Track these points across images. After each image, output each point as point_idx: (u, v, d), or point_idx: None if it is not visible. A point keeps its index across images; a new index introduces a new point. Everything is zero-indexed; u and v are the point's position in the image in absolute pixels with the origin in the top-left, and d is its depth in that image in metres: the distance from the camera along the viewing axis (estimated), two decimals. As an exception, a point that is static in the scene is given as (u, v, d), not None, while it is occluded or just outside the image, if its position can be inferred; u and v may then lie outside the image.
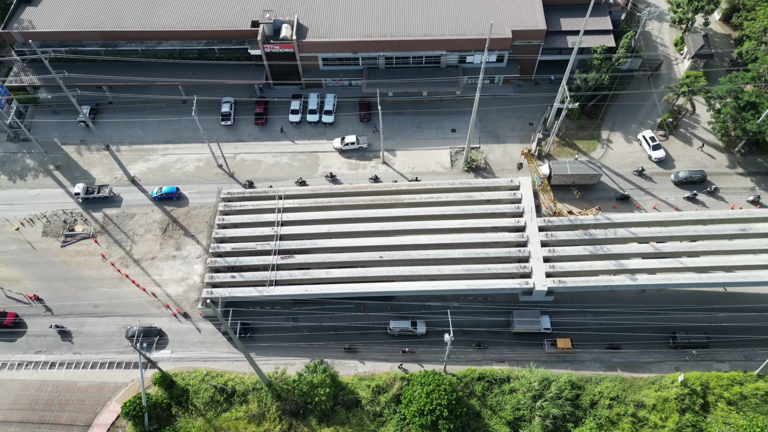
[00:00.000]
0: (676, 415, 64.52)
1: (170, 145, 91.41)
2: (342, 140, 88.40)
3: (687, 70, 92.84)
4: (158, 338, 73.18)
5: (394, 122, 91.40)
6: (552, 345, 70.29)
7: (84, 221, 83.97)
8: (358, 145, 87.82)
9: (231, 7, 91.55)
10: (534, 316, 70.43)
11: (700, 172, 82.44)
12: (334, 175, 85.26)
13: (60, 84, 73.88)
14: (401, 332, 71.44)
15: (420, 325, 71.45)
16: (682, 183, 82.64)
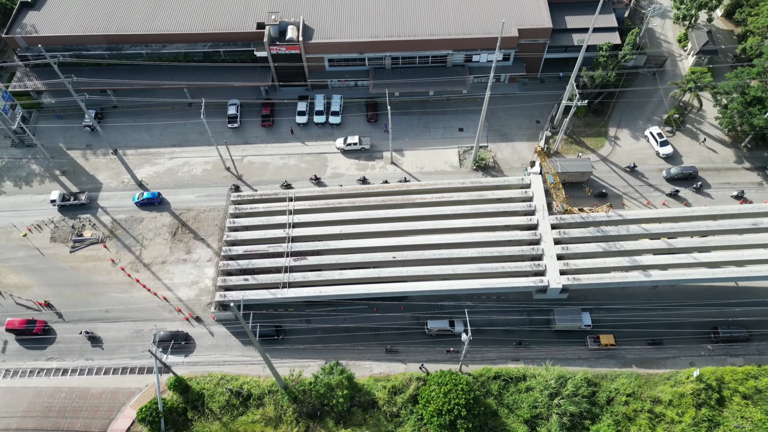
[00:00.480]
0: (692, 410, 64.76)
1: (177, 149, 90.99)
2: (345, 140, 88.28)
3: (691, 67, 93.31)
4: (185, 342, 72.62)
5: (402, 122, 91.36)
6: (595, 341, 70.24)
7: (93, 226, 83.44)
8: (361, 145, 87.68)
9: (235, 9, 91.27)
10: (575, 314, 70.38)
11: (691, 168, 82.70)
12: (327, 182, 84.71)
13: (69, 88, 73.40)
14: (439, 332, 71.05)
15: (458, 324, 71.25)
16: (674, 179, 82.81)
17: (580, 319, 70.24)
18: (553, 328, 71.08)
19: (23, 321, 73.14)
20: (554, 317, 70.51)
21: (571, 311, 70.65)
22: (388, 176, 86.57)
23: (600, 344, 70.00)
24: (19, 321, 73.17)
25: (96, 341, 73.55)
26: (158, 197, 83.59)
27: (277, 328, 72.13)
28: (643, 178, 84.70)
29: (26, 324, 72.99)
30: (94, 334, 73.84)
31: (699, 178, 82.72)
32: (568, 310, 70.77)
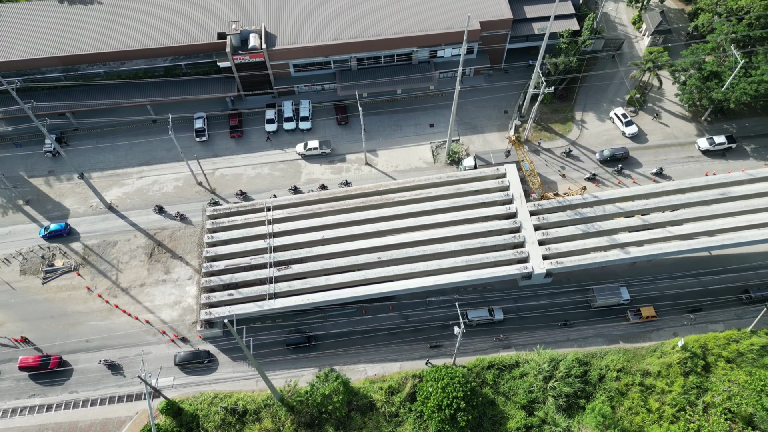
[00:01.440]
0: (680, 378, 66.69)
1: (145, 167, 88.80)
2: (305, 146, 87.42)
3: (648, 47, 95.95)
4: (208, 361, 70.98)
5: (372, 122, 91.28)
6: (636, 314, 71.64)
7: (63, 254, 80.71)
8: (322, 149, 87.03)
9: (194, 20, 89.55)
10: (614, 289, 71.89)
11: (622, 149, 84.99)
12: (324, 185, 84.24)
13: (29, 114, 70.75)
14: (480, 321, 71.40)
15: (497, 312, 71.71)
16: (607, 161, 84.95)
17: (619, 295, 71.73)
18: (593, 305, 72.29)
19: (37, 358, 70.49)
20: (594, 295, 71.84)
21: (610, 288, 72.25)
22: (363, 177, 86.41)
23: (641, 317, 71.29)
24: (32, 358, 70.46)
25: (116, 368, 71.15)
26: (66, 228, 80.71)
27: (308, 336, 71.46)
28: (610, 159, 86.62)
29: (41, 360, 70.27)
30: (114, 362, 71.42)
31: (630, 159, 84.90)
32: (607, 287, 72.37)
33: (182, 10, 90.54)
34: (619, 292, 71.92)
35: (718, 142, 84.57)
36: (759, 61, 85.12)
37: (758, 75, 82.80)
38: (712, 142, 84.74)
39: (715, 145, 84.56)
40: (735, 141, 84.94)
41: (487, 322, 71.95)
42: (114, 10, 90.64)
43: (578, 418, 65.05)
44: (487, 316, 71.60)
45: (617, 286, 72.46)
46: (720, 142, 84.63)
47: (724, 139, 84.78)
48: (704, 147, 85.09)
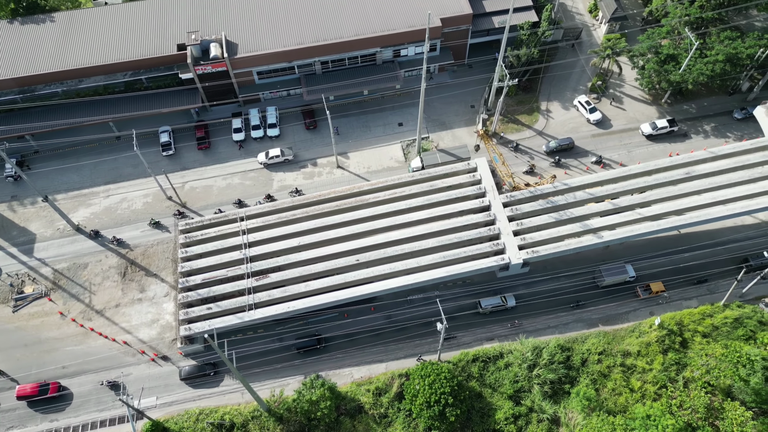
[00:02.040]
0: (660, 356, 68.19)
1: (111, 186, 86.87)
2: (266, 155, 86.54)
3: (605, 34, 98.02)
4: (213, 373, 70.08)
5: (341, 125, 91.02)
6: (645, 290, 72.95)
7: (33, 281, 78.44)
8: (284, 157, 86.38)
9: (152, 33, 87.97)
10: (619, 267, 73.28)
11: (568, 140, 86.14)
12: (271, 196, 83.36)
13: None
14: (493, 309, 72.55)
15: (510, 298, 72.94)
16: (553, 152, 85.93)
17: (625, 272, 72.94)
18: (600, 284, 73.49)
19: (35, 385, 68.42)
20: (601, 274, 72.94)
21: (616, 266, 73.43)
22: (336, 181, 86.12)
23: (651, 292, 72.58)
24: (30, 386, 68.42)
25: (117, 388, 69.32)
26: None
27: (318, 338, 71.19)
28: (579, 146, 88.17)
29: (39, 388, 68.22)
30: (116, 382, 69.72)
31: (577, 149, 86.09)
32: (613, 266, 73.56)
33: (139, 23, 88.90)
34: (625, 270, 73.42)
35: (660, 126, 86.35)
36: (713, 42, 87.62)
37: (713, 55, 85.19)
38: (655, 127, 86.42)
39: (658, 129, 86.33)
40: (677, 124, 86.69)
41: (499, 309, 72.78)
42: (68, 27, 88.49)
43: (564, 404, 65.97)
44: (500, 303, 72.55)
45: (623, 263, 73.78)
46: (662, 126, 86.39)
47: (666, 123, 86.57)
48: (647, 132, 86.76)
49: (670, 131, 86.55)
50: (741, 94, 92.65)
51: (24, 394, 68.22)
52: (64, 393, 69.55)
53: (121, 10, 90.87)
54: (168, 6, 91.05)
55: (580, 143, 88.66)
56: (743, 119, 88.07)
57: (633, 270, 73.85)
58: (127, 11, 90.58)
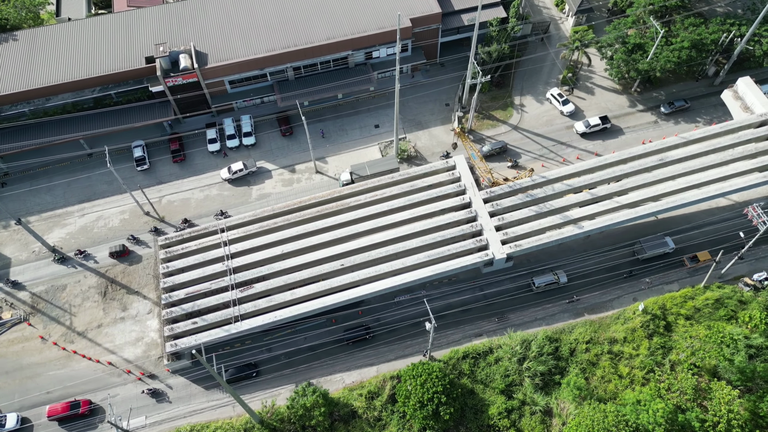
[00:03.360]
0: (645, 341, 69.20)
1: (86, 204, 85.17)
2: (229, 170, 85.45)
3: (573, 27, 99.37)
4: (255, 374, 69.87)
5: (318, 129, 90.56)
6: (692, 260, 73.97)
7: (10, 306, 76.45)
8: (248, 169, 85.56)
9: (119, 47, 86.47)
10: (659, 239, 75.08)
11: (500, 143, 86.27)
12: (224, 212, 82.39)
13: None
14: (546, 286, 73.75)
15: (561, 275, 74.23)
16: (488, 156, 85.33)
17: (666, 245, 74.42)
18: (641, 257, 74.93)
19: (66, 405, 67.08)
20: (642, 247, 74.64)
21: (655, 238, 74.92)
22: (315, 186, 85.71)
23: (698, 261, 73.52)
24: (61, 406, 67.12)
25: (160, 395, 69.10)
26: None
27: (367, 328, 71.92)
28: (554, 138, 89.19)
29: (70, 407, 67.06)
30: (157, 389, 69.09)
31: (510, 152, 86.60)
32: (653, 238, 75.11)
33: (105, 38, 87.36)
34: (666, 242, 74.83)
35: (593, 124, 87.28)
36: (677, 29, 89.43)
37: (678, 42, 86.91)
38: (588, 125, 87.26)
39: (591, 127, 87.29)
40: (609, 121, 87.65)
41: (552, 286, 73.85)
42: (32, 45, 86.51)
43: (555, 394, 66.53)
44: (553, 280, 73.75)
45: (663, 236, 75.23)
46: (595, 124, 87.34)
47: (598, 121, 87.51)
48: (581, 130, 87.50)
49: (603, 128, 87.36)
50: (708, 79, 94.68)
51: (55, 414, 66.80)
52: (94, 408, 68.56)
53: (86, 25, 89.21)
54: (133, 19, 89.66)
55: (555, 135, 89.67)
56: (671, 113, 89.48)
57: (672, 242, 75.23)
58: (92, 26, 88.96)
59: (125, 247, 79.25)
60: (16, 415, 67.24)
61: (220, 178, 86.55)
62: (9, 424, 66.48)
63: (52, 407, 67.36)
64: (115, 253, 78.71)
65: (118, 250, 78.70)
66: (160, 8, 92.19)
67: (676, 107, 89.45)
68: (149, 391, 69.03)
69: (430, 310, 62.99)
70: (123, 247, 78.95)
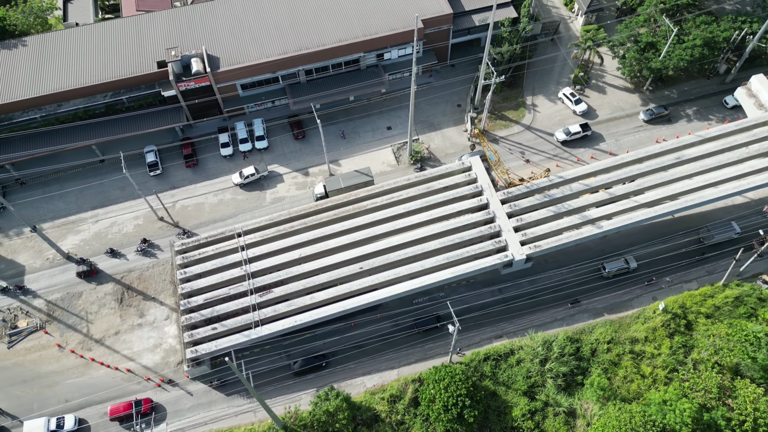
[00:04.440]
0: (667, 340, 69.06)
1: (99, 210, 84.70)
2: (240, 175, 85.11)
3: (583, 26, 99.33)
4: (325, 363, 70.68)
5: (330, 132, 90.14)
6: (762, 244, 73.20)
7: (26, 314, 75.95)
8: (260, 174, 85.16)
9: (130, 51, 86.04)
10: (727, 225, 76.00)
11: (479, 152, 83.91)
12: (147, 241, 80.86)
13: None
14: (618, 272, 74.78)
15: (631, 261, 75.08)
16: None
17: (732, 229, 75.51)
18: (708, 242, 75.98)
19: (128, 404, 66.97)
20: (710, 233, 75.67)
21: (723, 224, 75.45)
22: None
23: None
24: (123, 405, 67.09)
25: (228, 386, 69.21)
26: None
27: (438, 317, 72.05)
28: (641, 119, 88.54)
29: (133, 405, 67.04)
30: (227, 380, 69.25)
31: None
32: (720, 224, 75.92)
33: (116, 43, 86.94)
34: (732, 227, 75.51)
35: (573, 132, 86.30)
36: (689, 27, 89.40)
37: (690, 41, 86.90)
38: (568, 132, 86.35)
39: (571, 134, 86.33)
40: (589, 128, 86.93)
41: (623, 272, 74.75)
42: (42, 50, 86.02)
43: (578, 395, 66.33)
44: (624, 266, 74.55)
45: (729, 221, 75.77)
46: (575, 132, 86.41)
47: (579, 128, 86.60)
48: (561, 138, 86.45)
49: (583, 135, 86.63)
50: (719, 77, 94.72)
51: (117, 414, 66.74)
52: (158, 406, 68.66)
53: (96, 30, 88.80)
54: (144, 24, 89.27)
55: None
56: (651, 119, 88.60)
57: (738, 227, 75.48)
58: (103, 31, 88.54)
59: (93, 266, 77.27)
60: (74, 417, 67.15)
61: (232, 183, 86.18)
62: (68, 425, 66.56)
63: (113, 408, 67.14)
64: (83, 273, 76.50)
65: (85, 270, 76.48)
66: (170, 12, 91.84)
67: (656, 114, 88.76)
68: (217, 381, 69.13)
69: (453, 313, 62.69)
70: (91, 267, 76.93)
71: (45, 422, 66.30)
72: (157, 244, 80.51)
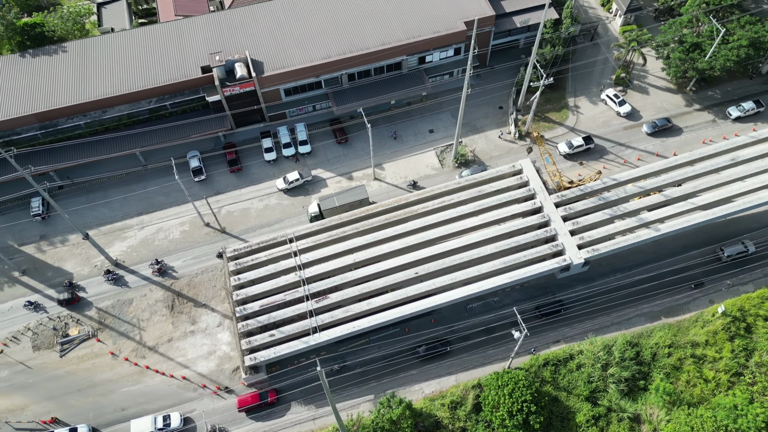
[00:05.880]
0: (728, 344, 68.48)
1: (145, 216, 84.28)
2: (285, 180, 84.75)
3: (621, 26, 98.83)
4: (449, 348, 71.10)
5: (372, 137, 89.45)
6: None
7: (77, 322, 75.51)
8: (304, 179, 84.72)
9: (171, 57, 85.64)
10: None
11: (481, 168, 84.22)
12: None
13: (30, 181, 65.83)
14: (737, 255, 74.82)
15: (750, 245, 75.11)
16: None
17: None
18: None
19: (255, 395, 68.23)
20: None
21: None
22: (374, 193, 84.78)
23: None
24: (251, 396, 68.16)
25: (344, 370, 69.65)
26: None
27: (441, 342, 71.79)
28: (613, 140, 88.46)
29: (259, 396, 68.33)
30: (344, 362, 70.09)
31: None
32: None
33: (157, 48, 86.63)
34: None
35: (576, 145, 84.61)
36: (733, 27, 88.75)
37: (735, 41, 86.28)
38: (571, 146, 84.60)
39: (574, 147, 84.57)
40: (592, 141, 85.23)
41: (741, 256, 74.75)
42: (83, 56, 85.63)
43: (642, 400, 65.76)
44: (743, 250, 74.71)
45: None
46: (578, 145, 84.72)
47: (581, 141, 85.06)
48: (564, 151, 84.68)
49: (586, 149, 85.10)
50: (761, 77, 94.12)
51: (245, 405, 67.53)
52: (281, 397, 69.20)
53: (137, 36, 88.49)
54: (184, 28, 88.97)
55: (612, 136, 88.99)
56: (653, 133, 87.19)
57: None
58: (143, 36, 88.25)
59: (75, 294, 75.15)
60: (179, 415, 67.66)
61: (276, 188, 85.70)
62: (174, 423, 66.98)
63: (241, 399, 67.93)
64: (64, 301, 74.46)
65: (67, 298, 74.35)
66: (210, 17, 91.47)
67: (659, 127, 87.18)
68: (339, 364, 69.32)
69: (520, 320, 62.12)
70: (72, 294, 74.82)
71: (152, 420, 66.79)
72: (171, 265, 78.92)
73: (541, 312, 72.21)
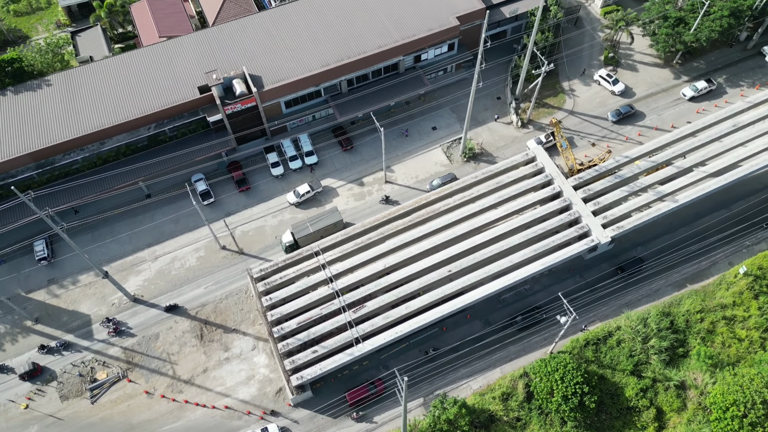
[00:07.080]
0: (754, 302, 70.94)
1: (156, 247, 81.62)
2: (295, 193, 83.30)
3: (602, 7, 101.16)
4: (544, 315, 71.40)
5: (376, 140, 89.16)
6: None
7: (103, 365, 72.56)
8: (315, 191, 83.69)
9: (164, 80, 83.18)
10: None
11: (450, 175, 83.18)
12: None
13: (49, 223, 62.76)
14: None
15: None
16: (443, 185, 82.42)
17: None
18: None
19: (363, 388, 68.21)
20: None
21: None
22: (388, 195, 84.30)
23: None
24: (359, 390, 68.20)
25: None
26: None
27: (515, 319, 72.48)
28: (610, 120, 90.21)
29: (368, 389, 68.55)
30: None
31: None
32: None
33: (148, 72, 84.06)
34: None
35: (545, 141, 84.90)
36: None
37: (717, 12, 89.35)
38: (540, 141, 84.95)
39: (544, 144, 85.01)
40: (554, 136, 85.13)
41: None
42: (69, 88, 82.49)
43: (684, 367, 67.45)
44: None
45: None
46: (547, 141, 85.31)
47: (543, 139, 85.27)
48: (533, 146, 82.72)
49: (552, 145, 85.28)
50: (741, 44, 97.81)
51: (354, 399, 67.65)
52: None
53: (124, 61, 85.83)
54: (171, 50, 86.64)
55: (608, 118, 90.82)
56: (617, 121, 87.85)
57: None
58: (131, 61, 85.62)
59: (36, 365, 70.34)
60: (276, 426, 66.52)
61: (287, 203, 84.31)
62: None
63: (350, 393, 67.96)
64: (26, 374, 69.53)
65: (28, 370, 69.41)
66: (198, 35, 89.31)
67: (623, 114, 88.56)
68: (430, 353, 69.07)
69: (567, 305, 62.80)
70: (34, 366, 70.01)
71: None
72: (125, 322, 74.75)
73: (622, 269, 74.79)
